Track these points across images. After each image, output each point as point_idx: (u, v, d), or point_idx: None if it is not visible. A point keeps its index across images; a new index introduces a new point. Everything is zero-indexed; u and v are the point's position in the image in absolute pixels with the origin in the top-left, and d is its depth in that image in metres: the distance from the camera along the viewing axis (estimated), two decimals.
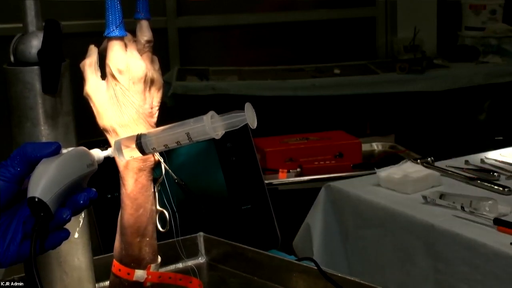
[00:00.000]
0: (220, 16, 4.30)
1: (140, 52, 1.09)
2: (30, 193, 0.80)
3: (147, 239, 1.13)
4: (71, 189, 0.83)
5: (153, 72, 1.10)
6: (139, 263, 1.13)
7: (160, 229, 1.16)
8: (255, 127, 0.87)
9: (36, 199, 0.79)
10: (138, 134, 0.94)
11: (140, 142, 0.93)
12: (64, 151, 0.85)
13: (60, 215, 0.82)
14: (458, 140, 3.84)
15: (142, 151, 0.94)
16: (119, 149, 0.94)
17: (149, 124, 1.08)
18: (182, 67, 4.14)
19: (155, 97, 1.10)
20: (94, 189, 0.86)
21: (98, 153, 0.90)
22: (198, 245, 1.55)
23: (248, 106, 0.86)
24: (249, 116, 0.85)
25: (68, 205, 0.83)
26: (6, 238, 0.82)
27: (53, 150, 0.83)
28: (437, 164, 2.24)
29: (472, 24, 4.25)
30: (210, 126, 0.87)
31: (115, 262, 1.14)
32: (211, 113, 0.88)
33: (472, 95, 3.97)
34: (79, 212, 0.85)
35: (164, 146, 0.93)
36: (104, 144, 0.97)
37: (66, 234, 0.85)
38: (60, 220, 0.82)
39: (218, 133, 0.88)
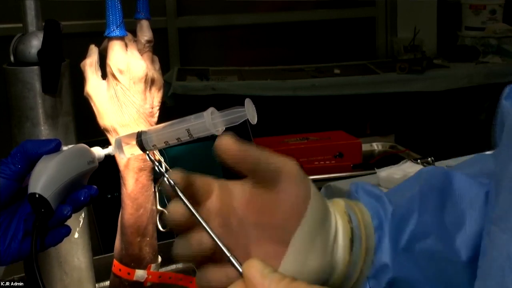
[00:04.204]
0: (220, 16, 4.30)
1: (141, 52, 1.09)
2: (31, 189, 0.80)
3: (148, 239, 1.13)
4: (72, 186, 0.83)
5: (154, 72, 1.10)
6: (140, 263, 1.13)
7: (161, 228, 1.16)
8: (255, 122, 0.87)
9: (37, 195, 0.80)
10: (138, 132, 0.94)
11: (140, 139, 0.93)
12: (64, 148, 0.85)
13: (60, 211, 0.82)
14: (458, 140, 3.84)
15: (143, 148, 0.94)
16: (119, 147, 0.94)
17: (149, 124, 1.08)
18: (182, 67, 4.14)
19: (155, 97, 1.10)
20: (95, 186, 0.86)
21: (98, 151, 0.91)
22: None
23: (248, 102, 0.86)
24: (249, 112, 0.85)
25: (69, 201, 0.83)
26: (7, 236, 0.82)
27: (54, 147, 0.84)
28: (437, 164, 2.24)
29: (472, 24, 4.25)
30: (211, 122, 0.87)
31: (115, 262, 1.14)
32: (211, 109, 0.88)
33: (472, 95, 3.96)
34: (79, 209, 0.85)
35: (164, 143, 0.92)
36: (105, 144, 0.97)
37: (67, 231, 0.85)
38: (61, 216, 0.82)
39: (219, 129, 0.88)
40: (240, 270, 0.59)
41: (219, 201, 0.68)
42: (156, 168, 0.79)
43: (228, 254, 0.58)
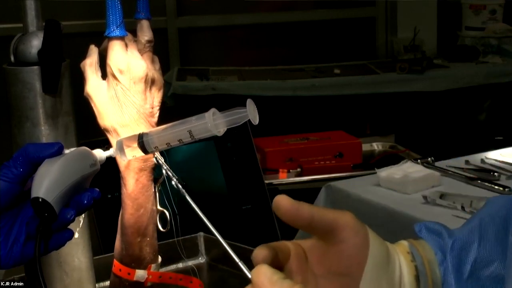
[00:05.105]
0: (220, 16, 4.30)
1: (141, 52, 1.09)
2: (34, 194, 0.80)
3: (148, 239, 1.13)
4: (75, 189, 0.83)
5: (154, 72, 1.10)
6: (140, 263, 1.13)
7: (161, 229, 1.16)
8: (257, 123, 0.87)
9: (40, 200, 0.79)
10: (139, 133, 0.94)
11: (142, 141, 0.93)
12: (66, 151, 0.85)
13: (64, 215, 0.82)
14: (458, 140, 3.84)
15: (144, 150, 0.93)
16: (121, 149, 0.94)
17: (150, 124, 1.08)
18: (182, 67, 4.14)
19: (155, 97, 1.10)
20: (97, 189, 0.86)
21: (100, 153, 0.90)
22: (198, 245, 1.55)
23: (249, 102, 0.86)
24: (250, 112, 0.85)
25: (72, 205, 0.83)
26: (9, 239, 0.82)
27: (56, 150, 0.83)
28: (437, 164, 2.24)
29: (472, 24, 4.25)
30: (212, 123, 0.87)
31: (115, 262, 1.14)
32: (213, 110, 0.88)
33: (472, 95, 3.96)
34: (83, 212, 0.85)
35: (166, 144, 0.92)
36: (105, 144, 0.97)
37: (70, 235, 0.85)
38: (64, 220, 0.82)
39: (220, 130, 0.88)
40: (249, 276, 0.60)
41: (296, 260, 0.71)
42: (164, 171, 0.79)
43: (237, 260, 0.59)
